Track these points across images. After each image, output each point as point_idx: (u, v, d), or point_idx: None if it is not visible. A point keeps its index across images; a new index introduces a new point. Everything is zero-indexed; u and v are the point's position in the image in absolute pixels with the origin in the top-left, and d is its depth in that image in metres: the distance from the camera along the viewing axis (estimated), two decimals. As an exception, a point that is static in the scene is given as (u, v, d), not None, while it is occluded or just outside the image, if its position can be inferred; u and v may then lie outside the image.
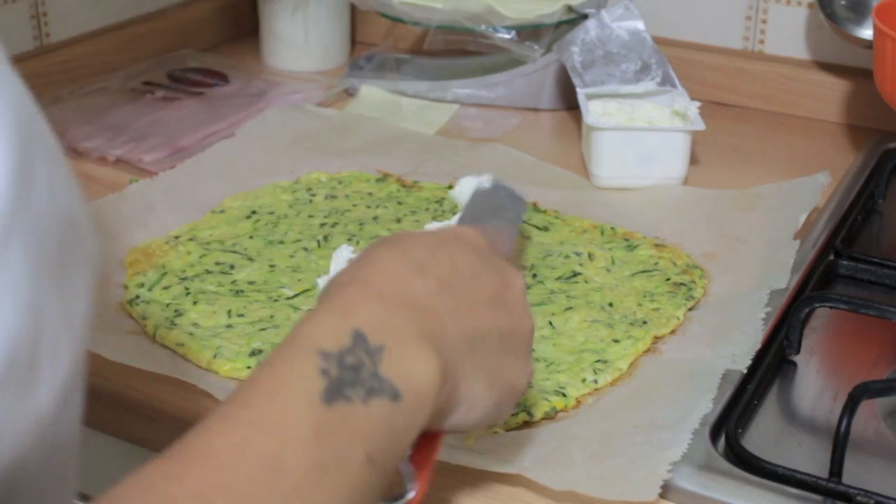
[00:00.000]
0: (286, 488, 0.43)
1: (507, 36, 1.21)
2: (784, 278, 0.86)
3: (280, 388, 0.47)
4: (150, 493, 0.41)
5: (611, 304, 0.85)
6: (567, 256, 0.92)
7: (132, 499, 0.40)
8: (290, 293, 0.86)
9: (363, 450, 0.47)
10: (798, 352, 0.81)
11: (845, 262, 0.91)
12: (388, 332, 0.50)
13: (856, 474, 0.67)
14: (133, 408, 0.76)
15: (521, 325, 0.59)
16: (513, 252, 0.67)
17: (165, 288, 0.86)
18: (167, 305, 0.84)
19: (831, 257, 0.93)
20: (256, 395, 0.46)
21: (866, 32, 1.16)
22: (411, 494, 0.54)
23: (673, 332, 0.82)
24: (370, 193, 1.03)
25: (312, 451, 0.45)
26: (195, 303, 0.84)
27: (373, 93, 1.26)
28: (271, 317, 0.83)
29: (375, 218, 0.98)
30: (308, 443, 0.45)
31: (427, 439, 0.56)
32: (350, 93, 1.27)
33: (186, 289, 0.86)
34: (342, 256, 0.81)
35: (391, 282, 0.53)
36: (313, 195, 1.02)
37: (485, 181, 0.72)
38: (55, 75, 1.25)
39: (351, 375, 0.48)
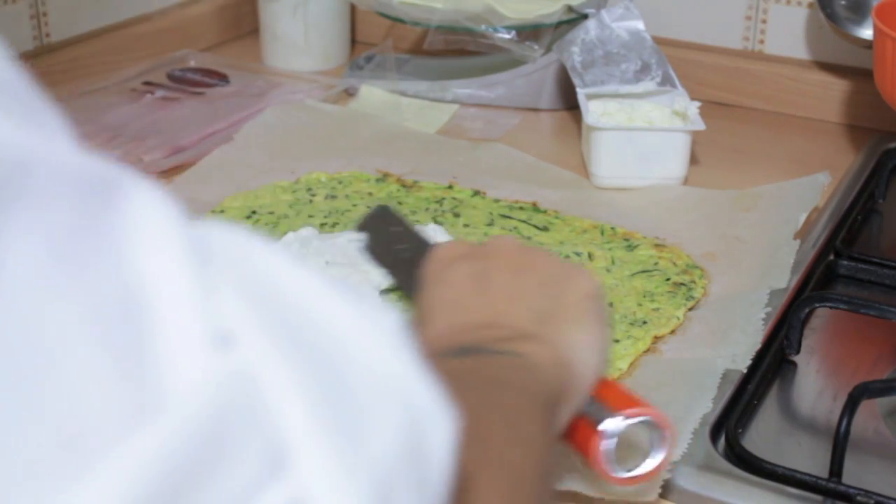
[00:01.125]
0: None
1: (507, 36, 1.21)
2: (784, 278, 0.86)
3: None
4: None
5: (611, 304, 0.85)
6: (567, 256, 0.92)
7: None
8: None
9: (502, 373, 0.53)
10: (798, 352, 0.81)
11: (845, 262, 0.91)
12: (480, 339, 0.56)
13: (856, 474, 0.67)
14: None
15: (546, 266, 0.62)
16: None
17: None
18: (167, 305, 0.84)
19: (831, 257, 0.92)
20: None
21: (866, 32, 1.16)
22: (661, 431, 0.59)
23: (673, 332, 0.82)
24: (370, 193, 1.03)
25: (453, 365, 0.51)
26: (195, 303, 0.84)
27: (373, 93, 1.26)
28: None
29: (375, 218, 0.98)
30: (449, 362, 0.51)
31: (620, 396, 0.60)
32: (350, 93, 1.27)
33: (186, 289, 0.86)
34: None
35: (455, 312, 0.60)
36: (313, 195, 1.02)
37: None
38: (55, 75, 1.25)
39: (470, 347, 0.55)
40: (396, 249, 0.69)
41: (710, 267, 0.91)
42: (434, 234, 0.90)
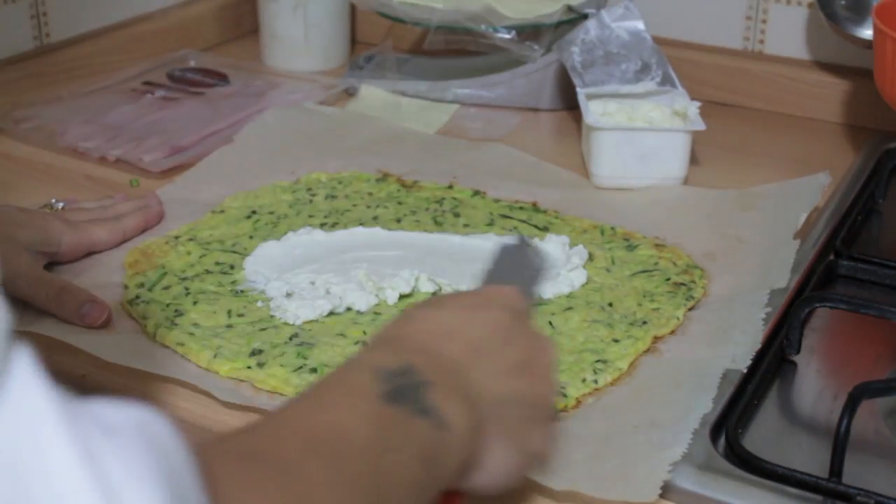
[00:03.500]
0: (355, 453, 0.48)
1: (507, 36, 1.21)
2: (784, 278, 0.86)
3: (344, 385, 0.52)
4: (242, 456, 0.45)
5: (611, 304, 0.85)
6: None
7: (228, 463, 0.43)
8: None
9: (416, 448, 0.51)
10: (798, 352, 0.81)
11: (845, 262, 0.91)
12: (431, 373, 0.54)
13: (856, 474, 0.67)
14: (133, 408, 0.76)
15: (543, 392, 0.61)
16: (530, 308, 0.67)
17: (165, 288, 0.86)
18: (167, 305, 0.84)
19: (831, 257, 0.92)
20: (323, 388, 0.52)
21: (866, 32, 1.16)
22: None
23: (673, 332, 0.82)
24: (370, 193, 1.03)
25: (373, 432, 0.49)
26: (195, 303, 0.84)
27: (373, 93, 1.26)
28: (271, 317, 0.83)
29: (375, 218, 0.98)
30: (371, 423, 0.49)
31: (447, 499, 0.57)
32: (350, 93, 1.27)
33: (186, 289, 0.86)
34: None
35: (429, 340, 0.57)
36: (313, 195, 1.02)
37: (510, 239, 0.70)
38: (55, 75, 1.25)
39: (406, 390, 0.52)
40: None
41: (710, 267, 0.91)
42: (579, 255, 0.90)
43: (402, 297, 0.85)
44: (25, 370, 0.35)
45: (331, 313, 0.83)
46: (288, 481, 0.44)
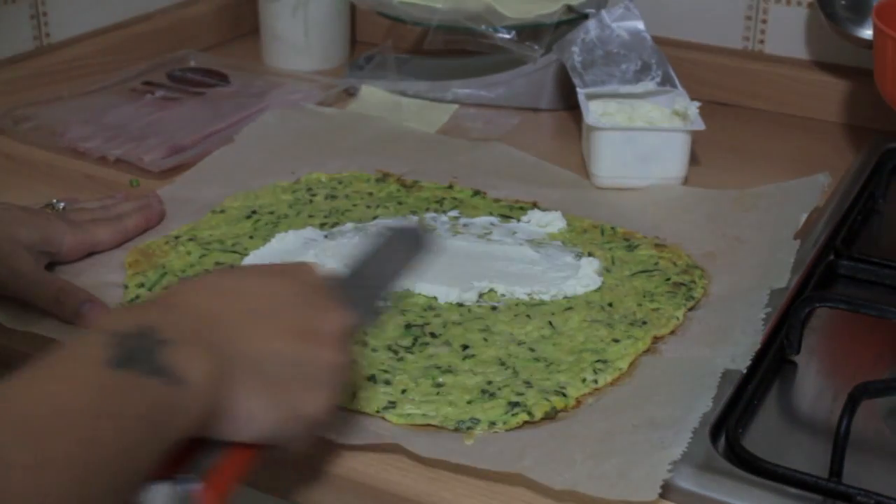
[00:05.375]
0: (65, 426, 0.49)
1: (507, 36, 1.21)
2: (784, 278, 0.86)
3: (71, 354, 0.53)
4: None
5: (610, 304, 0.85)
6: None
7: None
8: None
9: (141, 409, 0.52)
10: (798, 352, 0.81)
11: (845, 262, 0.91)
12: (175, 331, 0.56)
13: (856, 474, 0.67)
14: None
15: (326, 358, 0.62)
16: (373, 311, 0.68)
17: (166, 288, 0.86)
18: (167, 305, 0.84)
19: (831, 257, 0.93)
20: (51, 359, 0.52)
21: (866, 32, 1.16)
22: (195, 486, 0.57)
23: (673, 332, 0.82)
24: (370, 193, 1.03)
25: (91, 400, 0.50)
26: (195, 303, 0.84)
27: (373, 93, 1.26)
28: (271, 317, 0.83)
29: (375, 218, 0.98)
30: (89, 390, 0.51)
31: (232, 455, 0.59)
32: (350, 93, 1.27)
33: (186, 289, 0.86)
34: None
35: (191, 298, 0.60)
36: (313, 195, 1.02)
37: (406, 224, 0.72)
38: (55, 75, 1.25)
39: (137, 351, 0.53)
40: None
41: (710, 267, 0.91)
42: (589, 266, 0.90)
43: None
44: None
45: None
46: None
